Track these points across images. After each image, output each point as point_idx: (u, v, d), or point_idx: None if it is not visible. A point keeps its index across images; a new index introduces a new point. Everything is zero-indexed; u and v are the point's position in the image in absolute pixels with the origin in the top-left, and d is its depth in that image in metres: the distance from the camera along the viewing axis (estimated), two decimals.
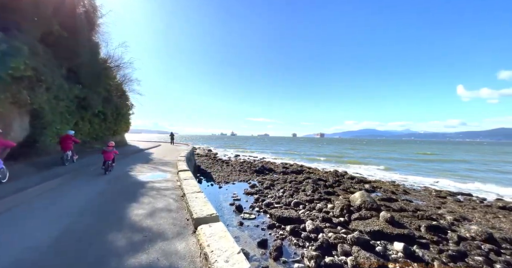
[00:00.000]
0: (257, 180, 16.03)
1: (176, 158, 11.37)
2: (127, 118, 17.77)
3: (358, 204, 8.28)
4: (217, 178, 16.28)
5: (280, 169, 21.41)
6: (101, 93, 10.74)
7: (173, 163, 10.45)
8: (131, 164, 9.96)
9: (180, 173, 6.83)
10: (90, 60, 8.95)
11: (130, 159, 11.58)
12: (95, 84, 9.78)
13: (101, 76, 10.34)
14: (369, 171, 24.06)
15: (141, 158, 12.24)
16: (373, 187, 14.51)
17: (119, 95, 14.42)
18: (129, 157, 12.06)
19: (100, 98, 10.82)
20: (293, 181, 14.61)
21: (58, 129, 7.68)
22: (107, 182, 6.77)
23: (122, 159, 11.10)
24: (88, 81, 9.24)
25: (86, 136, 10.85)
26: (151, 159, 12.22)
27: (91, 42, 9.17)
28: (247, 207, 9.83)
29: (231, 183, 15.02)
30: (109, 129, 13.62)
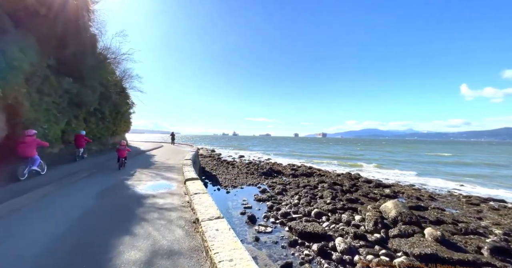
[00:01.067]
0: (266, 184, 14.87)
1: (181, 162, 10.21)
2: (127, 117, 16.61)
3: (393, 216, 7.07)
4: (224, 182, 15.15)
5: (289, 172, 20.24)
6: (96, 89, 9.63)
7: (178, 167, 9.28)
8: (130, 169, 8.77)
9: (188, 184, 5.51)
10: (83, 50, 7.86)
11: (130, 162, 10.37)
12: (89, 78, 8.66)
13: (96, 69, 9.21)
14: (382, 173, 22.75)
15: (142, 162, 11.09)
16: (394, 192, 13.26)
17: (118, 93, 13.33)
18: (128, 160, 10.96)
19: (96, 95, 9.73)
20: (307, 185, 13.40)
21: (44, 128, 6.58)
22: (96, 196, 5.38)
23: (129, 159, 10.19)
24: (81, 74, 8.11)
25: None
26: (153, 162, 10.98)
27: (84, 30, 8.06)
28: (261, 217, 8.67)
29: (239, 187, 13.88)
30: (108, 129, 12.51)
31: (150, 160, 11.76)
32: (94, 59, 8.99)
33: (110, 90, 11.64)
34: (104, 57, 10.92)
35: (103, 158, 11.12)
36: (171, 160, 12.04)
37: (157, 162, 11.18)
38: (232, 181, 15.49)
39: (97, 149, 11.43)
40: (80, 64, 7.90)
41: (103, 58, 10.65)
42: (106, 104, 11.30)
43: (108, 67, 11.15)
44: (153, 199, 5.16)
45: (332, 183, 14.46)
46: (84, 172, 7.31)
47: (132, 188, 6.16)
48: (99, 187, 6.21)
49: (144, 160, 11.71)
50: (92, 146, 10.76)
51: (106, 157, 11.24)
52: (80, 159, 9.55)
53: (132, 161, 10.76)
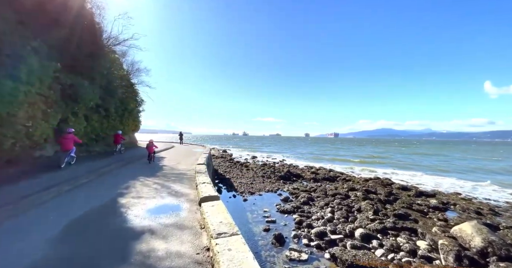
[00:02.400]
0: (287, 190, 13.15)
1: (193, 167, 8.82)
2: (136, 115, 15.48)
3: (479, 246, 5.14)
4: (239, 187, 13.62)
5: (309, 175, 18.39)
6: (96, 81, 8.39)
7: (189, 175, 7.68)
8: (130, 177, 7.18)
9: (206, 208, 3.54)
10: (78, 33, 6.64)
11: (134, 167, 9.28)
12: (85, 66, 7.40)
13: (95, 57, 7.95)
14: (414, 177, 20.24)
15: (148, 166, 9.67)
16: (443, 203, 11.08)
17: (125, 88, 12.19)
18: (133, 163, 9.96)
19: (96, 88, 8.50)
20: (337, 194, 11.52)
21: (28, 127, 5.35)
22: (64, 231, 3.47)
23: (123, 168, 8.77)
24: (75, 61, 6.86)
25: (82, 136, 8.60)
26: (161, 167, 9.45)
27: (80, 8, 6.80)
28: (290, 237, 6.99)
29: (257, 194, 12.28)
30: (113, 128, 11.35)
31: (158, 164, 10.32)
32: (92, 43, 7.70)
33: (115, 84, 10.46)
34: (103, 43, 9.43)
35: (102, 163, 8.95)
36: (181, 164, 10.49)
37: (165, 167, 9.65)
38: (248, 186, 13.92)
39: (100, 150, 10.24)
40: (73, 49, 6.64)
41: (103, 44, 9.32)
42: (110, 100, 10.15)
43: (110, 55, 9.89)
44: (150, 242, 3.15)
45: (365, 191, 12.50)
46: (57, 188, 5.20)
47: (123, 213, 4.18)
48: (73, 214, 4.14)
49: (151, 164, 10.30)
50: (95, 147, 9.59)
51: (107, 161, 9.49)
52: (118, 154, 11.27)
53: (137, 166, 9.50)
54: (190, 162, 10.74)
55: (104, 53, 8.81)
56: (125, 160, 9.61)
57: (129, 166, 9.10)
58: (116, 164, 8.85)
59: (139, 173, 7.67)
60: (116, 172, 8.01)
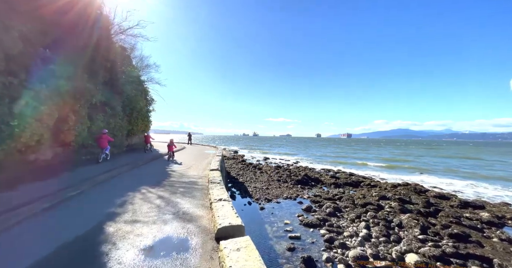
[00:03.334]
0: (307, 197, 11.83)
1: (205, 173, 7.79)
2: (146, 115, 14.75)
3: None
4: (254, 192, 12.49)
5: (329, 180, 16.90)
6: (97, 74, 7.54)
7: (201, 185, 6.30)
8: (131, 188, 5.81)
9: (228, 252, 2.21)
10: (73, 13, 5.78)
11: (138, 173, 8.07)
12: (82, 55, 6.48)
13: (96, 47, 7.13)
14: (447, 182, 18.09)
15: (154, 172, 8.22)
16: (498, 217, 9.31)
17: (133, 85, 11.44)
18: (139, 168, 8.85)
19: (98, 82, 7.72)
20: (368, 204, 10.04)
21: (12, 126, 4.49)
22: None
23: (125, 174, 7.76)
24: (67, 48, 5.96)
25: (85, 137, 7.85)
26: (168, 173, 8.03)
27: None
28: (321, 260, 5.73)
29: (275, 201, 11.08)
30: (121, 128, 10.61)
31: (166, 169, 8.88)
32: (89, 28, 6.75)
33: (121, 79, 9.70)
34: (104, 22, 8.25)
35: (105, 166, 8.08)
36: (192, 169, 9.23)
37: (173, 173, 8.22)
38: (264, 191, 12.75)
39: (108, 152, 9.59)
40: (67, 34, 5.73)
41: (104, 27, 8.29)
42: (117, 97, 9.42)
43: (113, 45, 9.03)
44: None
45: (398, 200, 10.92)
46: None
47: (103, 258, 2.58)
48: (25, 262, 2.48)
49: (158, 170, 8.78)
50: (96, 148, 8.81)
51: (111, 165, 8.48)
52: (149, 152, 12.44)
53: (142, 171, 8.42)
54: (202, 166, 9.64)
55: (107, 43, 8.02)
56: (131, 164, 8.72)
57: (135, 171, 8.23)
58: (120, 169, 7.95)
59: (143, 181, 6.71)
60: (117, 180, 6.73)
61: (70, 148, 7.29)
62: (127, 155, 11.93)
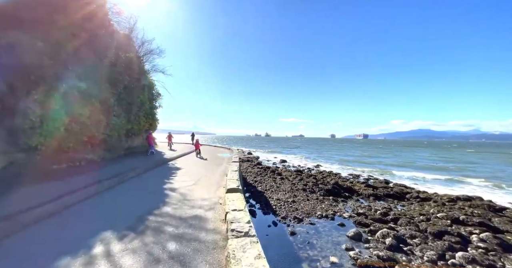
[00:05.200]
0: (349, 216, 9.18)
1: (218, 195, 5.31)
2: (150, 112, 12.76)
3: None
4: (278, 207, 10.07)
5: (364, 189, 14.10)
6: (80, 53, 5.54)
7: (211, 228, 3.59)
8: (73, 242, 3.12)
9: None
10: None
11: (116, 196, 5.43)
12: (50, 27, 4.56)
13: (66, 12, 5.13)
14: None
15: (140, 195, 5.49)
16: None
17: (134, 76, 9.46)
18: (123, 185, 6.28)
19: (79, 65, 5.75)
20: (445, 233, 7.18)
21: None
22: None
23: (96, 199, 5.18)
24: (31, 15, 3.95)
25: (66, 138, 5.91)
26: (161, 198, 5.24)
27: None
28: None
29: (307, 221, 8.58)
30: (116, 127, 8.61)
31: (161, 187, 6.17)
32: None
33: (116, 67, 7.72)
34: None
35: (68, 186, 5.19)
36: (201, 184, 6.42)
37: (170, 195, 5.46)
38: (290, 205, 10.27)
39: (97, 157, 7.40)
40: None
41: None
42: (110, 88, 7.49)
43: (97, 11, 6.91)
44: None
45: (479, 224, 7.97)
46: None
47: None
48: None
49: (150, 188, 6.11)
50: (87, 153, 6.83)
51: (84, 180, 5.75)
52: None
53: (126, 191, 5.87)
54: (215, 180, 7.18)
55: (89, 10, 5.95)
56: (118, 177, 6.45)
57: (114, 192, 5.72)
58: (99, 185, 5.71)
59: (113, 219, 3.98)
60: (68, 216, 4.13)
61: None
62: (121, 161, 9.24)
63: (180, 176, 7.67)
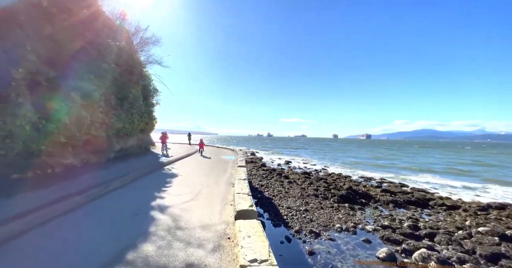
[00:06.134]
0: (373, 230, 7.92)
1: (224, 220, 3.83)
2: (146, 109, 11.42)
3: None
4: (290, 217, 8.85)
5: (381, 195, 12.83)
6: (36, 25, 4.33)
7: None
8: None
9: None
10: None
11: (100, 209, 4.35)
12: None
13: None
14: None
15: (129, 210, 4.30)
16: None
17: (126, 66, 8.28)
18: (108, 196, 5.07)
19: (37, 42, 4.59)
20: (499, 256, 5.91)
21: None
22: None
23: (67, 218, 3.88)
24: None
25: (36, 140, 4.76)
26: (152, 218, 3.93)
27: None
28: None
29: (325, 235, 7.35)
30: (103, 126, 7.37)
31: (150, 204, 4.64)
32: None
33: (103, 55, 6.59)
34: None
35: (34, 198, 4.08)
36: (199, 202, 4.87)
37: (160, 220, 3.86)
38: (303, 215, 9.03)
39: (78, 161, 6.19)
40: None
41: None
42: (98, 80, 6.32)
43: None
44: None
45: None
46: None
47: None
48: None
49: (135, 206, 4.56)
50: (66, 157, 5.63)
51: (52, 192, 4.44)
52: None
53: (100, 210, 4.37)
54: (219, 193, 5.62)
55: None
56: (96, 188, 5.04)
57: (82, 213, 4.17)
58: (66, 202, 4.17)
59: None
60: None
61: None
62: (109, 166, 7.77)
63: (176, 186, 6.25)
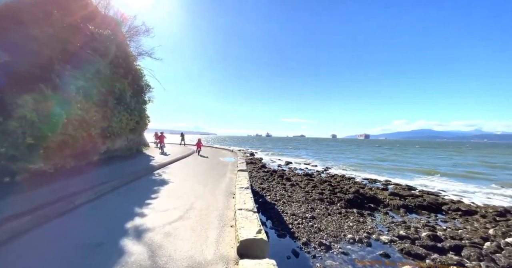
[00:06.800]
0: (390, 241, 7.07)
1: (224, 249, 2.87)
2: (136, 107, 10.28)
3: None
4: (295, 225, 7.98)
5: (390, 199, 12.06)
6: None
7: None
8: None
9: None
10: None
11: (50, 235, 3.14)
12: None
13: None
14: None
15: (92, 236, 3.15)
16: None
17: (110, 57, 7.31)
18: (71, 214, 3.91)
19: None
20: None
21: None
22: None
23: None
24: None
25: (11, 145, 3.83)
26: (121, 251, 2.79)
27: None
28: None
29: (336, 247, 6.51)
30: (86, 125, 6.41)
31: (123, 227, 3.49)
32: None
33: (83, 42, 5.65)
34: None
35: None
36: (189, 222, 3.73)
37: (132, 254, 2.72)
38: (310, 224, 8.16)
39: (50, 167, 5.14)
40: None
41: None
42: (75, 71, 5.41)
43: None
44: None
45: None
46: None
47: None
48: None
49: (102, 229, 3.42)
50: (35, 161, 4.66)
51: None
52: None
53: (54, 238, 3.12)
54: (216, 209, 4.37)
55: None
56: (58, 204, 3.97)
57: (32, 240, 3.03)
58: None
59: None
60: None
61: None
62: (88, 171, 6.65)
63: (164, 198, 5.12)
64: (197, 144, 16.54)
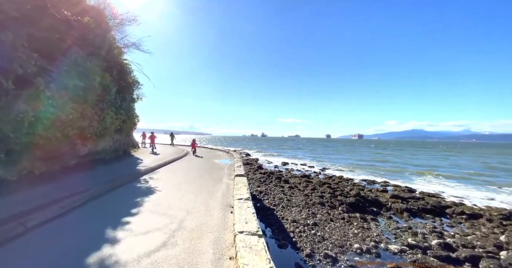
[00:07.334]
0: (399, 251, 6.53)
1: None
2: (123, 104, 9.40)
3: None
4: (297, 233, 7.36)
5: (393, 202, 11.64)
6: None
7: None
8: None
9: None
10: None
11: None
12: None
13: None
14: None
15: None
16: None
17: (90, 48, 6.47)
18: (11, 246, 2.80)
19: None
20: None
21: None
22: None
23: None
24: None
25: None
26: None
27: None
28: None
29: (343, 261, 5.91)
30: (60, 124, 5.58)
31: (83, 265, 2.45)
32: None
33: (51, 25, 4.83)
34: None
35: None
36: (176, 253, 2.81)
37: None
38: (312, 232, 7.55)
39: (10, 174, 4.32)
40: None
41: None
42: (44, 60, 4.63)
43: None
44: None
45: None
46: None
47: None
48: None
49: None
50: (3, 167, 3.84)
51: None
52: None
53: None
54: (208, 225, 3.66)
55: None
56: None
57: None
58: None
59: None
60: None
61: None
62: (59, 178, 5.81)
63: (146, 213, 4.21)
64: (192, 144, 17.16)
